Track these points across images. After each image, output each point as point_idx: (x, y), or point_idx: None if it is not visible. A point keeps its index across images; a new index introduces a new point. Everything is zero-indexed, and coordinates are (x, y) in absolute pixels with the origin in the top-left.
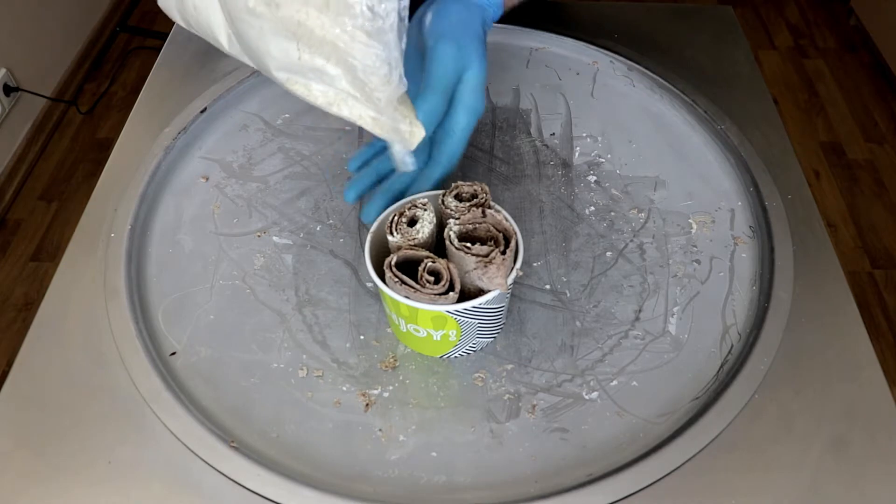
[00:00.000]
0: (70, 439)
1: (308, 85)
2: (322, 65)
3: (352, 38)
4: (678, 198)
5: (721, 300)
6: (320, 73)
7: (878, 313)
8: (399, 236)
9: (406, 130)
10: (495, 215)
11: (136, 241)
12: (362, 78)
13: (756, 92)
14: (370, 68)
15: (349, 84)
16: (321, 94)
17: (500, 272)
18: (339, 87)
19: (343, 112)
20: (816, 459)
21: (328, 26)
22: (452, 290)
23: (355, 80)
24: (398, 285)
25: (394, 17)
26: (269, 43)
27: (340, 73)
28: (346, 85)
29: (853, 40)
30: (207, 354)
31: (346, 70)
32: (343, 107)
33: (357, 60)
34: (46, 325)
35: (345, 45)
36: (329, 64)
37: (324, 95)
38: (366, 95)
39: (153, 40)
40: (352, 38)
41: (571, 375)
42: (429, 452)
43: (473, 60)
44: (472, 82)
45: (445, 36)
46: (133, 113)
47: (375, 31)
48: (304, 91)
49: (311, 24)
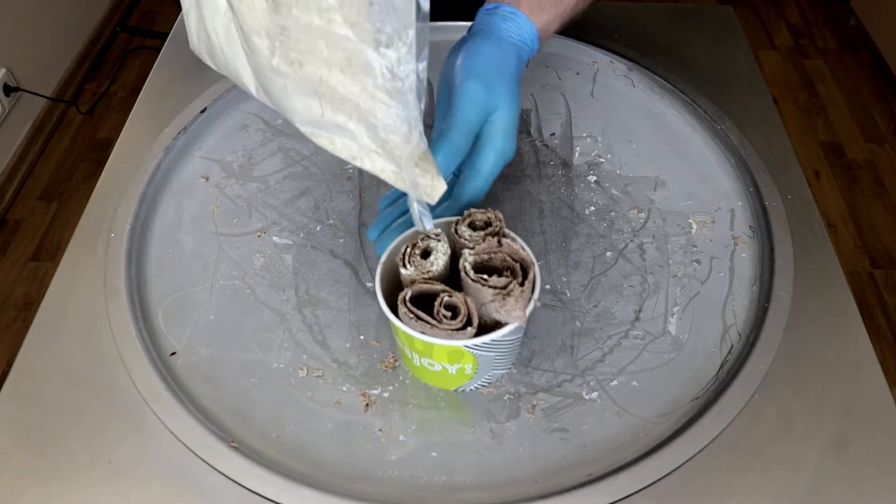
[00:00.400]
0: (70, 439)
1: (332, 139)
2: (344, 122)
3: (372, 97)
4: (678, 198)
5: (721, 300)
6: (342, 129)
7: (878, 313)
8: (412, 269)
9: (426, 185)
10: (511, 244)
11: (136, 241)
12: (383, 136)
13: (756, 92)
14: (390, 127)
15: (370, 140)
16: (345, 147)
17: (519, 304)
18: (362, 143)
19: (367, 165)
20: (816, 459)
21: (349, 85)
22: (470, 325)
23: (376, 138)
24: (413, 321)
25: (413, 79)
26: (293, 99)
27: (362, 131)
28: (368, 141)
29: (853, 40)
30: (207, 354)
31: (367, 128)
32: (366, 160)
33: (378, 119)
34: (46, 325)
35: (365, 104)
36: (351, 121)
37: (347, 149)
38: (387, 152)
39: (153, 40)
40: (372, 98)
41: (571, 375)
42: (429, 452)
43: (503, 101)
44: (500, 123)
45: (474, 75)
46: (133, 113)
47: (395, 91)
48: (328, 144)
49: (332, 83)
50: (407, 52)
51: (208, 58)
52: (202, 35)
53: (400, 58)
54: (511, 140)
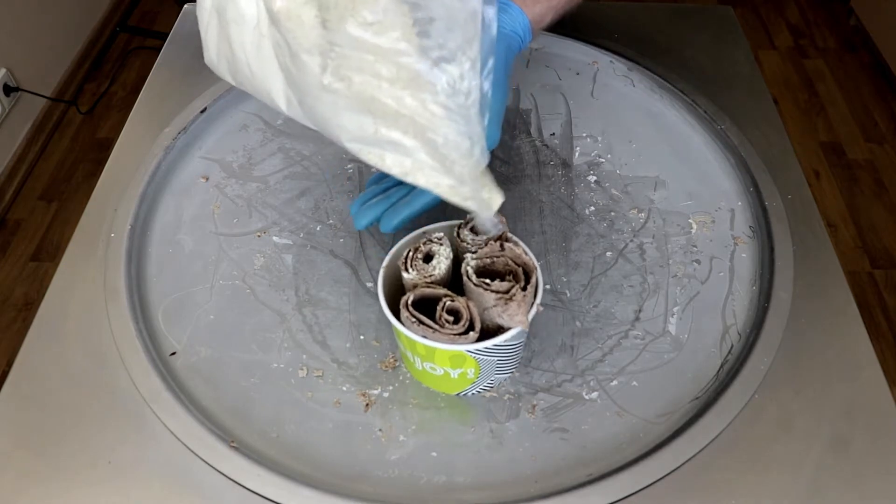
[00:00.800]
0: (70, 439)
1: (383, 155)
2: (399, 138)
3: (432, 114)
4: (678, 198)
5: (721, 300)
6: (396, 145)
7: (878, 313)
8: (415, 273)
9: (487, 198)
10: (514, 248)
11: (136, 241)
12: (443, 152)
13: (756, 92)
14: (451, 143)
15: (427, 156)
16: (396, 164)
17: (521, 309)
18: (416, 159)
19: (420, 181)
20: (816, 459)
21: (406, 101)
22: (472, 330)
23: (435, 153)
24: (415, 325)
25: (476, 94)
26: (343, 117)
27: (419, 146)
28: (425, 157)
29: (853, 40)
30: (207, 354)
31: (424, 143)
32: (420, 176)
33: (438, 135)
34: (46, 325)
35: (424, 120)
36: (406, 137)
37: (400, 165)
38: (446, 167)
39: (153, 40)
40: (432, 114)
41: (571, 375)
42: (429, 452)
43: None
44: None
45: None
46: (133, 113)
47: (457, 107)
48: (377, 160)
49: (386, 99)
50: (470, 68)
51: (228, 74)
52: (224, 50)
53: (463, 73)
54: (495, 129)
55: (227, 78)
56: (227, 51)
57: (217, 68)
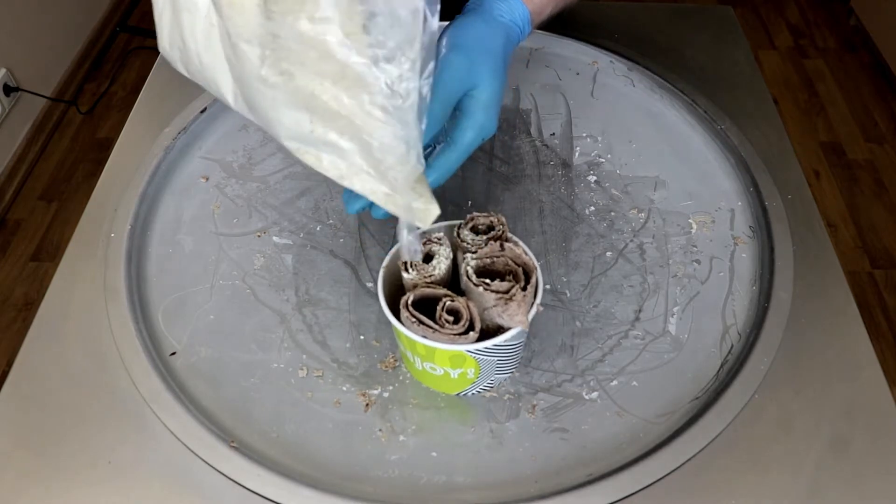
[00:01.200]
0: (70, 439)
1: (319, 156)
2: (335, 139)
3: (369, 115)
4: (678, 198)
5: (721, 300)
6: (332, 147)
7: (878, 313)
8: (415, 273)
9: (420, 209)
10: (514, 248)
11: (136, 241)
12: (378, 156)
13: (756, 92)
14: (386, 147)
15: (363, 160)
16: (332, 166)
17: (521, 309)
18: (352, 162)
19: (355, 186)
20: (816, 459)
21: (344, 100)
22: (472, 330)
23: (370, 157)
24: (415, 325)
25: (414, 97)
26: (281, 113)
27: (355, 149)
28: (360, 160)
29: (853, 40)
30: (207, 354)
31: (360, 146)
32: (355, 180)
33: (373, 138)
34: (46, 325)
35: (361, 121)
36: (343, 139)
37: (335, 168)
38: (380, 173)
39: (153, 40)
40: (369, 116)
41: (571, 375)
42: (429, 452)
43: (485, 77)
44: (481, 98)
45: (458, 48)
46: (133, 113)
47: (394, 109)
48: (314, 161)
49: (325, 97)
50: (409, 69)
51: (180, 64)
52: (175, 39)
53: (402, 74)
54: (491, 116)
55: (179, 68)
56: (179, 40)
57: (170, 57)
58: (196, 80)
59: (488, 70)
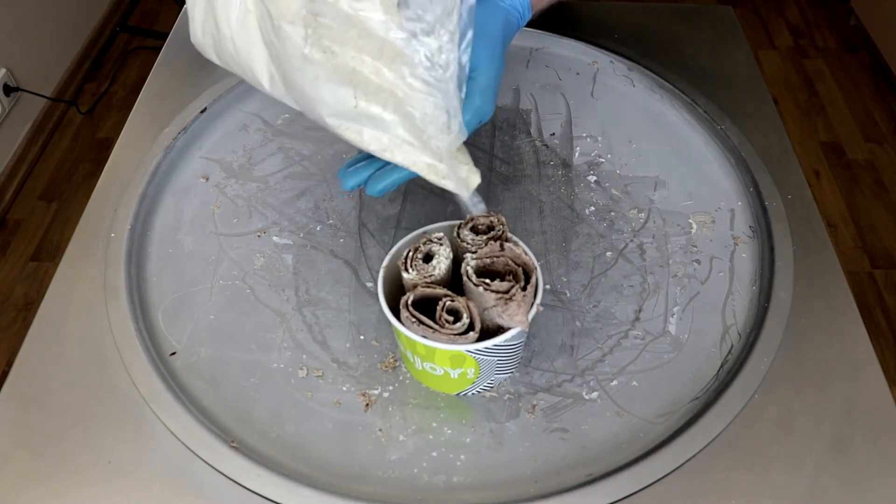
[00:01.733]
0: (70, 439)
1: (361, 131)
2: (378, 112)
3: (410, 87)
4: (678, 198)
5: (721, 300)
6: (375, 120)
7: (878, 313)
8: (415, 273)
9: (464, 177)
10: (514, 248)
11: (136, 241)
12: (420, 126)
13: (756, 92)
14: (429, 117)
15: (406, 131)
16: (374, 140)
17: (521, 309)
18: (395, 134)
19: (397, 158)
20: (816, 459)
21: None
22: (472, 330)
23: (413, 128)
24: (415, 325)
25: (454, 67)
26: (323, 90)
27: (397, 121)
28: (403, 132)
29: (853, 40)
30: (207, 354)
31: (403, 117)
32: (397, 153)
33: (415, 109)
34: (46, 325)
35: (403, 93)
36: (386, 111)
37: (377, 141)
38: (423, 143)
39: (153, 40)
40: (410, 88)
41: (571, 375)
42: (429, 452)
43: (483, 60)
44: (478, 81)
45: None
46: (133, 113)
47: (435, 80)
48: (356, 137)
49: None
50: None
51: (212, 52)
52: (209, 27)
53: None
54: (488, 100)
55: (211, 56)
56: (213, 27)
57: (202, 46)
58: (228, 67)
59: (486, 54)
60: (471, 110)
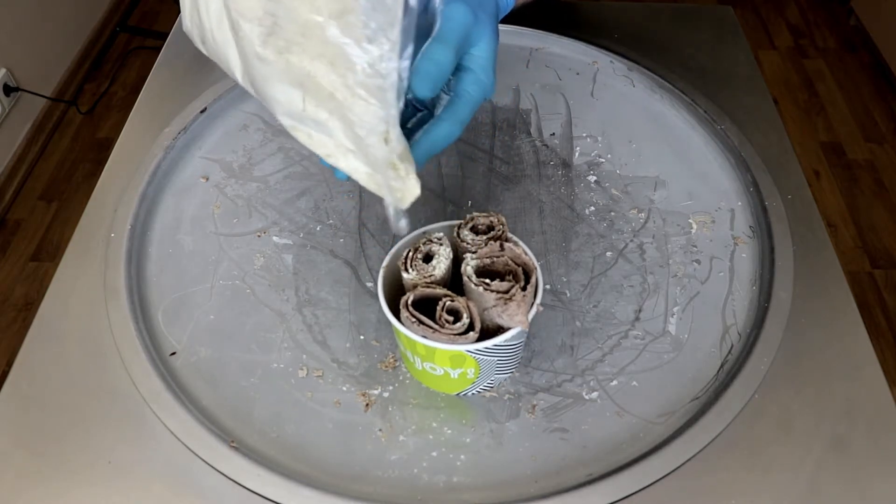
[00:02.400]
0: (70, 439)
1: (310, 133)
2: (325, 118)
3: (352, 93)
4: (678, 198)
5: (721, 300)
6: (321, 125)
7: (878, 313)
8: (414, 273)
9: (398, 188)
10: (514, 248)
11: (136, 241)
12: (360, 133)
13: (756, 92)
14: (367, 125)
15: (347, 138)
16: (321, 144)
17: (521, 309)
18: (339, 141)
19: (340, 164)
20: (816, 459)
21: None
22: (472, 330)
23: (353, 136)
24: (415, 325)
25: (394, 77)
26: (276, 89)
27: (339, 127)
28: (344, 139)
29: (853, 40)
30: (207, 354)
31: (344, 124)
32: (341, 159)
33: (355, 115)
34: (46, 325)
35: (345, 99)
36: (332, 117)
37: (323, 146)
38: (362, 151)
39: (153, 40)
40: (352, 94)
41: (571, 375)
42: (429, 452)
43: (485, 33)
44: (483, 55)
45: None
46: (133, 113)
47: (375, 88)
48: (306, 139)
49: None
50: (390, 50)
51: (199, 41)
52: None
53: (382, 54)
54: (491, 77)
55: (199, 45)
56: (197, 18)
57: (191, 35)
58: (212, 57)
59: (489, 29)
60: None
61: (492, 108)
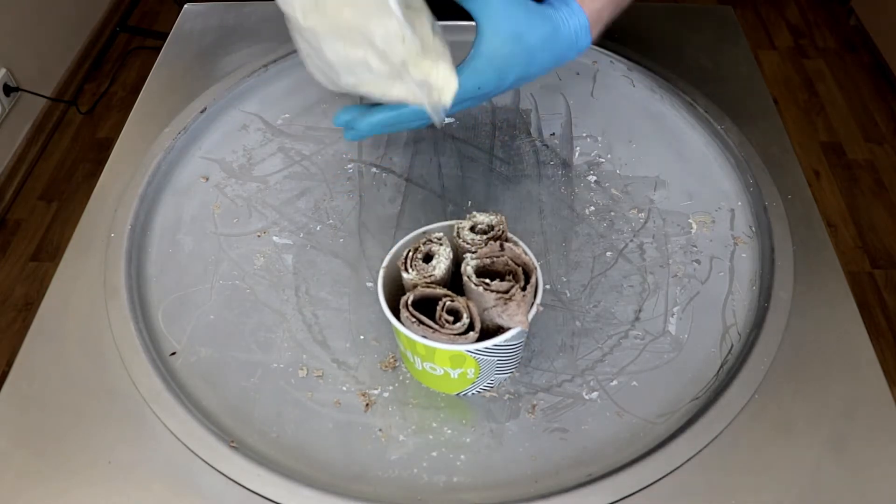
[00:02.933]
0: (70, 439)
1: (367, 81)
2: (362, 55)
3: (367, 19)
4: (678, 198)
5: (721, 300)
6: (364, 65)
7: (878, 313)
8: (414, 273)
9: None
10: (514, 248)
11: (136, 241)
12: (382, 47)
13: (756, 92)
14: (382, 37)
15: (379, 61)
16: (364, 82)
17: (521, 309)
18: (378, 72)
19: (393, 94)
20: (816, 459)
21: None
22: (472, 330)
23: (381, 54)
24: (415, 325)
25: None
26: (327, 49)
27: (370, 54)
28: (378, 63)
29: (853, 40)
30: (207, 354)
31: (371, 49)
32: (392, 90)
33: (377, 37)
34: (46, 325)
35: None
36: (368, 52)
37: (377, 85)
38: (390, 65)
39: (153, 40)
40: (367, 20)
41: (571, 375)
42: (429, 452)
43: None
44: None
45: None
46: (133, 113)
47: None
48: (367, 88)
49: (347, 20)
50: None
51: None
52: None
53: None
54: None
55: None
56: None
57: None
58: None
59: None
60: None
61: (492, 108)
